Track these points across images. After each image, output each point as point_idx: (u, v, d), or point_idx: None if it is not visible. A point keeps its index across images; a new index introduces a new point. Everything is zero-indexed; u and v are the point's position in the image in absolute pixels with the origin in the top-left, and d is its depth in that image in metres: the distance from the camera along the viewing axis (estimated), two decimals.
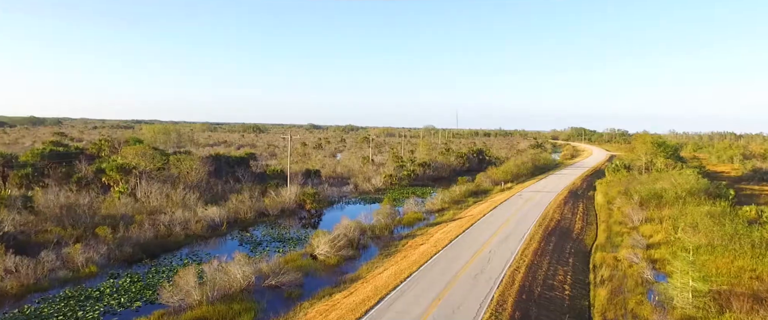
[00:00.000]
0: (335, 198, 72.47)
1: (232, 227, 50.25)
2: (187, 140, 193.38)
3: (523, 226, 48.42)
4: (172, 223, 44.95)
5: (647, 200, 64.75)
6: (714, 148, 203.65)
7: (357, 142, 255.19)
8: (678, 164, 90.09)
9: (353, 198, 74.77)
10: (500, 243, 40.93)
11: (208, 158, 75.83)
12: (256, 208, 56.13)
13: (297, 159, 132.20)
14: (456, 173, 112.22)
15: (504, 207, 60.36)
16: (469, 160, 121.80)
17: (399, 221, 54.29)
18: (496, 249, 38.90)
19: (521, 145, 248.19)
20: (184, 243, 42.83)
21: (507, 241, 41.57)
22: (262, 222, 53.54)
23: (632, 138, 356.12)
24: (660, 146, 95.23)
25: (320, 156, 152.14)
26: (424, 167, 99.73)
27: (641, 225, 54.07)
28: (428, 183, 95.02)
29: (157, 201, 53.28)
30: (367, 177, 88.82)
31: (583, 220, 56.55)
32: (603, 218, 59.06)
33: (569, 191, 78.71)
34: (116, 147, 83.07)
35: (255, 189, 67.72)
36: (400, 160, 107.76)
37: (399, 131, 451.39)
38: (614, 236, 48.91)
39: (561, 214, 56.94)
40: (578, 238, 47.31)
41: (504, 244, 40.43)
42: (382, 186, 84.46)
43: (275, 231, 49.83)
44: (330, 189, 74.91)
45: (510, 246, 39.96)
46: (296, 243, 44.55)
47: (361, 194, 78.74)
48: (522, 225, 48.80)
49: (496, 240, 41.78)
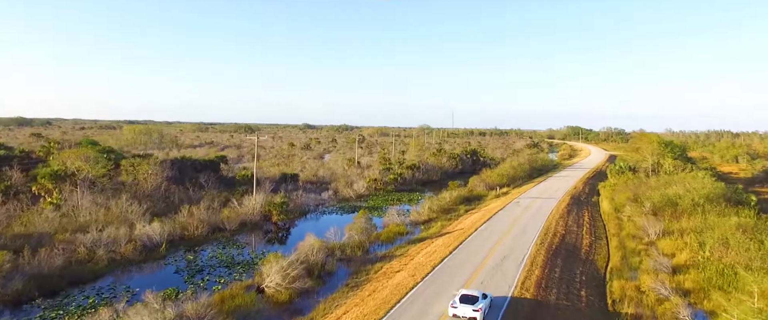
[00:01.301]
0: (310, 207, 64.56)
1: (176, 246, 42.22)
2: (169, 141, 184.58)
3: (522, 244, 40.70)
4: (96, 244, 36.87)
5: (661, 208, 57.22)
6: (715, 147, 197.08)
7: (348, 142, 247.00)
8: (687, 165, 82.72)
9: (332, 206, 66.87)
10: (494, 269, 33.15)
11: (166, 162, 67.61)
12: (211, 222, 48.07)
13: (279, 161, 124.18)
14: (448, 176, 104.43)
15: (500, 218, 52.64)
16: (462, 161, 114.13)
17: (377, 236, 46.43)
18: (489, 279, 31.13)
19: (517, 145, 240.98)
20: (106, 270, 34.79)
21: (503, 267, 33.80)
22: (215, 240, 45.51)
23: (631, 137, 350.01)
24: (667, 146, 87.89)
25: (307, 157, 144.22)
26: (413, 170, 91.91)
27: (659, 239, 46.51)
28: (417, 187, 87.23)
29: (91, 215, 45.13)
30: (349, 182, 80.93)
31: (591, 233, 48.89)
32: (613, 230, 51.44)
33: (571, 197, 71.13)
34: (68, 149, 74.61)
35: (218, 198, 59.76)
36: (388, 163, 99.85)
37: (393, 131, 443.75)
38: (630, 255, 41.27)
39: (565, 226, 49.26)
40: (588, 259, 39.60)
41: (499, 272, 32.66)
42: (365, 192, 76.55)
43: (227, 251, 41.83)
44: (305, 196, 66.94)
45: (507, 274, 32.20)
46: (246, 269, 36.58)
47: (340, 201, 70.84)
48: (521, 243, 41.07)
49: (489, 266, 34.00)
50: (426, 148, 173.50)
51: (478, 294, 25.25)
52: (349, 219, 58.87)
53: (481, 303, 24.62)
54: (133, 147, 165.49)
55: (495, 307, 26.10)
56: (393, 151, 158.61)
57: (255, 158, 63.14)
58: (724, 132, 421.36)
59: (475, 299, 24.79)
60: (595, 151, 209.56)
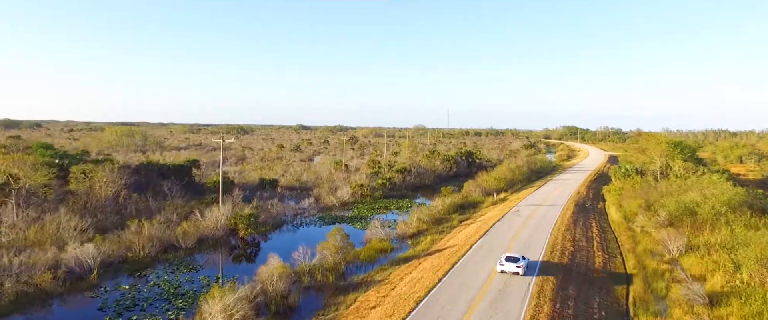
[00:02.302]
0: (288, 217, 57.91)
1: (117, 271, 35.51)
2: (153, 143, 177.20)
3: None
4: (5, 273, 30.09)
5: (678, 217, 51.00)
6: (718, 146, 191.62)
7: (341, 143, 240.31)
8: (699, 168, 76.62)
9: (312, 215, 60.24)
10: (492, 307, 26.63)
11: (127, 168, 60.76)
12: (164, 239, 41.35)
13: (264, 164, 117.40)
14: (441, 180, 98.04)
15: (498, 232, 46.17)
16: (456, 163, 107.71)
17: (356, 255, 39.89)
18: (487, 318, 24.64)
19: (513, 145, 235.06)
20: (12, 308, 28.00)
21: (503, 301, 27.31)
22: (167, 261, 38.79)
23: (628, 136, 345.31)
24: (676, 147, 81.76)
25: (294, 160, 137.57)
26: (404, 174, 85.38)
27: (682, 256, 40.26)
28: (408, 193, 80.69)
29: (18, 234, 38.31)
30: (333, 188, 74.34)
31: (604, 250, 42.51)
32: (627, 245, 45.07)
33: (575, 204, 64.82)
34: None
35: (181, 209, 53.06)
36: (377, 166, 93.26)
37: (388, 131, 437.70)
38: (653, 278, 34.87)
39: (573, 241, 42.86)
40: (604, 285, 33.17)
41: (499, 311, 26.13)
42: (351, 199, 69.94)
43: (176, 276, 35.14)
44: (283, 205, 60.21)
45: (509, 314, 25.71)
46: (189, 303, 29.90)
47: (322, 210, 64.24)
48: None
49: (487, 301, 27.48)
50: (420, 149, 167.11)
51: (519, 256, 32.91)
52: (329, 231, 52.52)
53: (522, 262, 32.02)
54: (113, 149, 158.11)
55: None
56: (385, 153, 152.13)
57: (220, 164, 56.13)
58: (721, 131, 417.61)
59: (517, 258, 32.31)
60: (594, 152, 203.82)
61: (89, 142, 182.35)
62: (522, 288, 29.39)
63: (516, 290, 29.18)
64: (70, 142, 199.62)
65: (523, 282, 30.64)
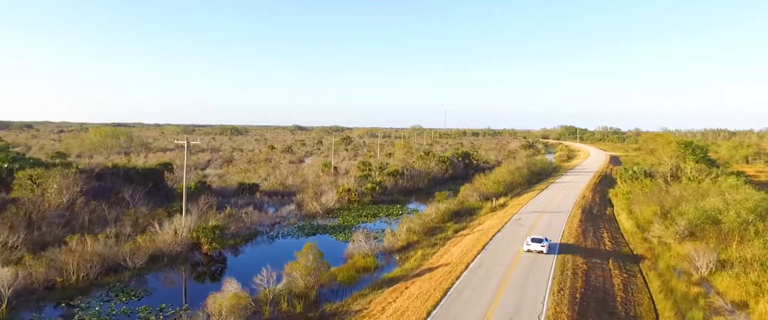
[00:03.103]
0: (264, 227, 51.95)
1: (40, 300, 29.50)
2: (138, 144, 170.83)
3: (533, 292, 28.45)
4: None
5: (699, 226, 45.36)
6: (721, 146, 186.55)
7: (334, 143, 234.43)
8: (713, 170, 71.08)
9: (292, 225, 54.29)
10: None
11: (85, 172, 54.67)
12: (108, 257, 35.32)
13: (249, 167, 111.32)
14: (436, 183, 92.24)
15: (498, 246, 40.34)
16: (452, 165, 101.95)
17: (332, 276, 33.96)
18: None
19: (511, 146, 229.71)
20: None
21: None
22: (108, 284, 32.77)
23: (628, 136, 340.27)
24: (687, 147, 76.19)
25: (283, 161, 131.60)
26: (395, 177, 79.54)
27: (712, 274, 34.59)
28: (399, 197, 74.80)
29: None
30: (319, 193, 68.48)
31: (621, 267, 36.71)
32: (646, 260, 39.29)
33: (582, 210, 59.14)
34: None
35: (142, 219, 47.05)
36: (368, 168, 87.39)
37: (384, 131, 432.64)
38: (685, 304, 29.01)
39: (586, 257, 37.07)
40: (628, 315, 27.34)
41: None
42: (336, 206, 64.02)
43: (110, 307, 29.14)
44: (257, 214, 54.18)
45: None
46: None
47: (304, 218, 58.35)
48: (532, 290, 28.81)
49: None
50: (416, 150, 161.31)
51: (542, 237, 39.09)
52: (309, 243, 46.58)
53: (546, 242, 38.11)
54: (96, 151, 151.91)
55: None
56: (378, 154, 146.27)
57: (185, 167, 49.84)
58: (721, 130, 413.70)
59: (541, 240, 38.39)
60: (594, 152, 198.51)
61: (71, 144, 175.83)
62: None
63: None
64: (53, 143, 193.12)
65: (531, 311, 24.80)
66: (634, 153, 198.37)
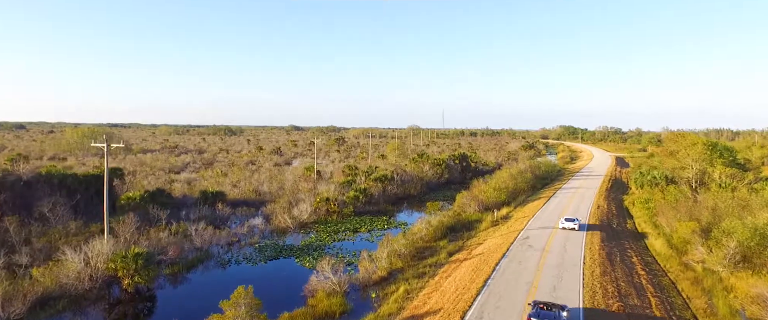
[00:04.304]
0: (218, 248, 42.79)
1: None
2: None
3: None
4: None
5: (753, 248, 36.45)
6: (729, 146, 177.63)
7: (327, 144, 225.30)
8: (745, 174, 62.14)
9: (253, 244, 45.11)
10: None
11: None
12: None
13: (228, 170, 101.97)
14: (430, 188, 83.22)
15: (503, 279, 31.26)
16: (448, 168, 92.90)
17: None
18: None
19: (511, 146, 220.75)
20: None
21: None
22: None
23: (630, 136, 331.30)
24: (714, 149, 67.21)
25: (268, 164, 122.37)
26: (384, 183, 70.39)
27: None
28: (386, 207, 65.60)
29: None
30: (295, 202, 59.43)
31: (667, 311, 27.60)
32: (696, 299, 30.11)
33: (600, 224, 50.15)
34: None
35: (58, 238, 37.81)
36: (353, 173, 78.21)
37: (380, 132, 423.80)
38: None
39: (619, 297, 27.97)
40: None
41: None
42: (312, 218, 54.87)
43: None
44: (211, 231, 44.87)
45: None
46: None
47: (273, 233, 49.27)
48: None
49: None
50: (411, 150, 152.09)
51: (574, 218, 46.40)
52: (272, 270, 37.50)
53: (577, 221, 45.21)
54: (70, 152, 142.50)
55: None
56: (370, 156, 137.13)
57: (106, 175, 40.14)
58: (724, 130, 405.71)
59: (573, 219, 45.60)
60: (598, 153, 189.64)
61: (48, 145, 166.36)
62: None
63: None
64: (31, 143, 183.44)
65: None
66: (639, 153, 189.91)
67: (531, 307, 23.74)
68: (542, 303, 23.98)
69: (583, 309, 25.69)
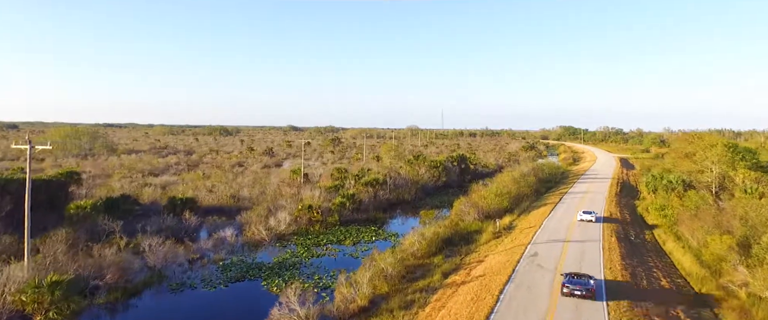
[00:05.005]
0: (176, 268, 36.68)
1: None
2: (101, 146, 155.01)
3: None
4: None
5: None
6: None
7: (322, 144, 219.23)
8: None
9: (218, 262, 39.04)
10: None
11: None
12: None
13: (212, 172, 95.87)
14: (426, 193, 77.22)
15: (510, 312, 25.25)
16: (446, 171, 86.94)
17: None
18: None
19: (511, 147, 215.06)
20: None
21: None
22: None
23: (632, 137, 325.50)
24: (735, 150, 61.33)
25: (255, 166, 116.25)
26: (374, 187, 64.38)
27: None
28: (377, 215, 59.41)
29: None
30: (275, 209, 53.47)
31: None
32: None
33: (616, 235, 44.21)
34: None
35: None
36: (343, 176, 72.20)
37: (378, 132, 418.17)
38: None
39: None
40: None
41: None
42: (291, 229, 48.80)
43: None
44: (169, 247, 38.70)
45: None
46: None
47: (244, 247, 43.23)
48: None
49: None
50: (409, 151, 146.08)
51: (592, 210, 51.28)
52: (231, 296, 31.43)
53: (594, 214, 49.74)
54: (50, 153, 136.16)
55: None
56: (364, 157, 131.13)
57: (28, 183, 33.63)
58: (725, 130, 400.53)
59: (591, 212, 50.07)
60: (601, 154, 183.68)
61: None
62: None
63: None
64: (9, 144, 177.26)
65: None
66: (643, 155, 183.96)
67: (563, 277, 28.78)
68: (574, 273, 29.30)
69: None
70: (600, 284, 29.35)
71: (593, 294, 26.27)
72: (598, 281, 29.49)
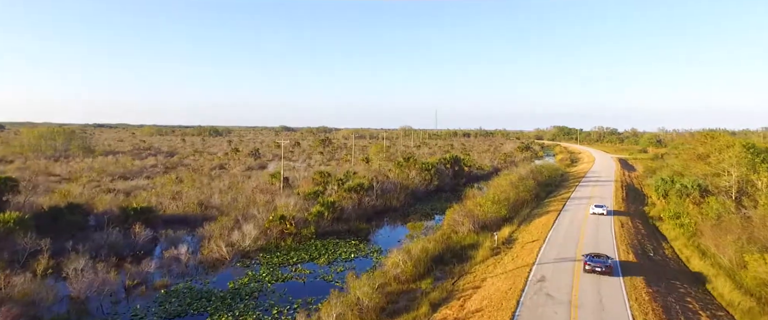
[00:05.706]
0: (104, 298, 30.08)
1: None
2: (78, 147, 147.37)
3: None
4: None
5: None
6: None
7: (312, 145, 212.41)
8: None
9: (160, 287, 32.48)
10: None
11: None
12: None
13: (189, 175, 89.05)
14: (417, 197, 70.90)
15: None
16: (439, 173, 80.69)
17: None
18: None
19: (506, 147, 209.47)
20: None
21: None
22: None
23: (627, 137, 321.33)
24: (752, 150, 55.58)
25: (236, 169, 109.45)
26: (359, 193, 57.98)
27: None
28: (359, 225, 52.79)
29: None
30: (245, 218, 47.01)
31: None
32: None
33: (633, 249, 38.12)
34: None
35: None
36: (324, 180, 65.73)
37: (371, 132, 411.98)
38: None
39: None
40: None
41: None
42: (258, 245, 42.29)
43: None
44: (99, 273, 32.08)
45: None
46: None
47: (201, 267, 36.72)
48: None
49: None
50: (402, 153, 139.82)
51: (603, 205, 54.79)
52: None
53: (605, 208, 52.75)
54: (24, 155, 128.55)
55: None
56: (353, 158, 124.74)
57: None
58: (721, 130, 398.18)
59: (603, 205, 53.28)
60: (598, 155, 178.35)
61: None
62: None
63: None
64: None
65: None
66: (641, 155, 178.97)
67: (584, 257, 32.11)
68: (593, 253, 33.04)
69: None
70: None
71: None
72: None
